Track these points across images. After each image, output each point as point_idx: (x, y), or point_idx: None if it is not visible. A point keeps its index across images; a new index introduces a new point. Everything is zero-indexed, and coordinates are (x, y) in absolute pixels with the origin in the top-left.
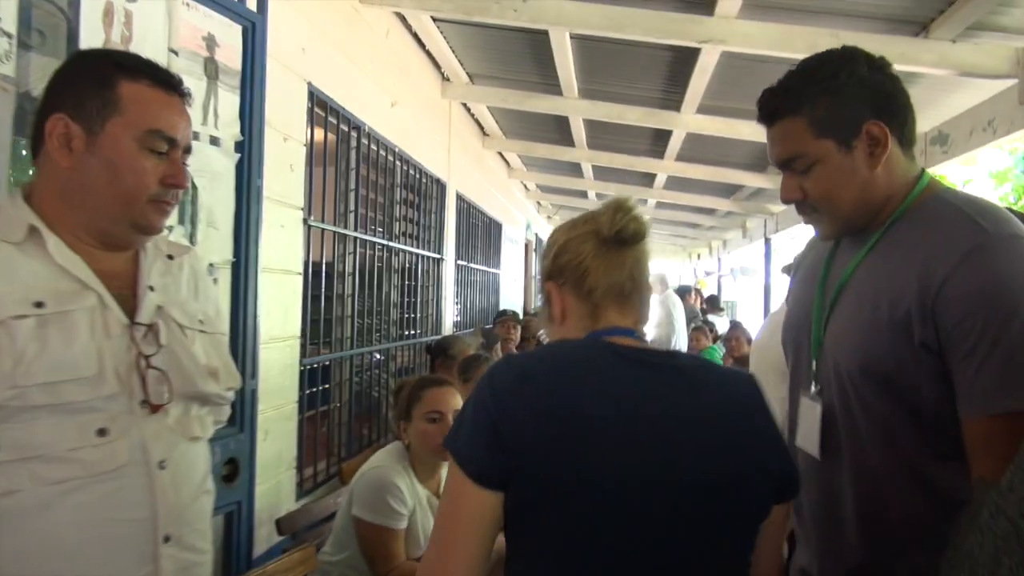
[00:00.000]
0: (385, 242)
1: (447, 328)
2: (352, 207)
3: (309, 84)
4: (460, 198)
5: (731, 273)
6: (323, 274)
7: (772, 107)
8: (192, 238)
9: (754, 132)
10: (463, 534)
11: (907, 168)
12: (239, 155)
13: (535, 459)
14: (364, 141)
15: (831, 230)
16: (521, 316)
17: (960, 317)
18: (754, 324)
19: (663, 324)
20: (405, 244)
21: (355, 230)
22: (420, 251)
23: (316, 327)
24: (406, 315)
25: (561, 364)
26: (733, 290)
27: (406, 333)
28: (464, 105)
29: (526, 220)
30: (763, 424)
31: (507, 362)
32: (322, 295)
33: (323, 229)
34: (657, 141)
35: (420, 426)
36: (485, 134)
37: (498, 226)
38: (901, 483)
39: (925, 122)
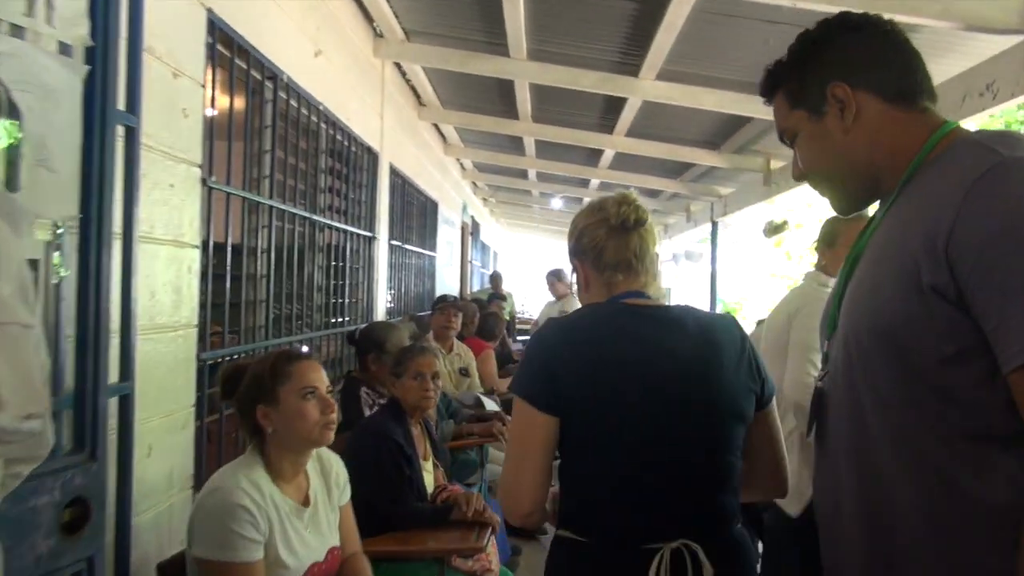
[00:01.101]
0: (308, 215)
1: (380, 315)
2: (267, 172)
3: (209, 11)
4: (395, 172)
5: (673, 259)
6: (230, 250)
7: (764, 88)
8: (11, 182)
9: (717, 101)
10: (534, 451)
11: (907, 124)
12: (89, 68)
13: (582, 389)
14: (282, 94)
15: (835, 202)
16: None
17: (981, 251)
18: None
19: None
20: (332, 219)
21: (270, 198)
22: (349, 228)
23: (220, 313)
24: (333, 300)
25: (592, 321)
26: (671, 277)
27: (333, 321)
28: (399, 68)
29: (462, 201)
30: (742, 347)
31: (549, 325)
32: (228, 275)
33: (229, 194)
34: (608, 113)
35: (294, 405)
36: (421, 104)
37: (434, 205)
38: (908, 471)
39: None
